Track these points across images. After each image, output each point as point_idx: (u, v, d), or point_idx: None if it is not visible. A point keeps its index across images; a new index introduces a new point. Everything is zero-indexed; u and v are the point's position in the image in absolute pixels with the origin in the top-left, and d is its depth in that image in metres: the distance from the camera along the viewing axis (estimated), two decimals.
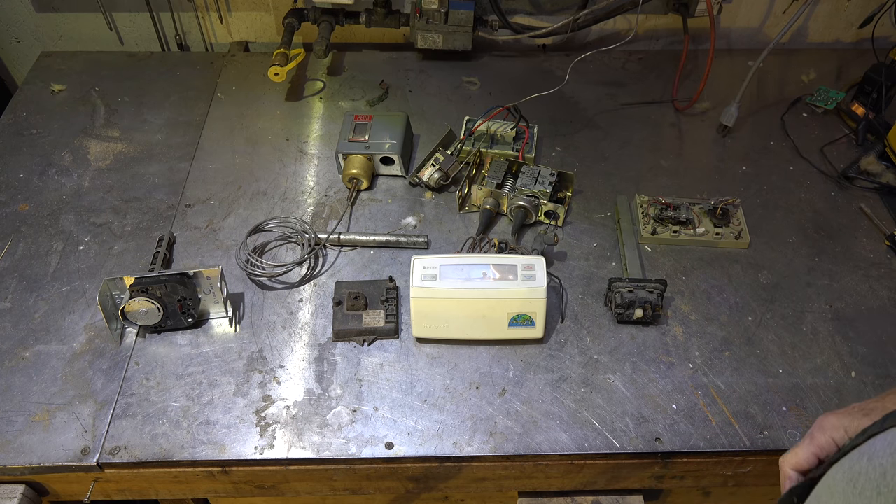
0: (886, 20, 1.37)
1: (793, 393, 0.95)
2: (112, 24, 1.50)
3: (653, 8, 1.47)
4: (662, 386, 0.95)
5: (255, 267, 1.07)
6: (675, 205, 1.14)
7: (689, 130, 1.33)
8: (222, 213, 1.17)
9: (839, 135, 1.31)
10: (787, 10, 1.48)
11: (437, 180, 1.19)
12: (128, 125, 1.33)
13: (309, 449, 0.90)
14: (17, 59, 1.58)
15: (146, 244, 1.12)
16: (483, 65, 1.47)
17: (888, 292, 1.06)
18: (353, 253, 1.12)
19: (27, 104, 1.37)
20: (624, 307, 1.00)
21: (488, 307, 0.95)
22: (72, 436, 0.90)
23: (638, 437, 0.90)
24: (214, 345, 1.00)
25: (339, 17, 1.41)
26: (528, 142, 1.23)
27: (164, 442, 0.90)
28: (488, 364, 0.98)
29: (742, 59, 1.49)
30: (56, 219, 1.16)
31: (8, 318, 1.03)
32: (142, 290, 0.96)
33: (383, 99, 1.39)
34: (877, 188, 1.21)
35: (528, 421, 0.92)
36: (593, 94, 1.40)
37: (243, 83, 1.42)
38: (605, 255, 1.11)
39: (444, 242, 1.13)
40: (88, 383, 0.96)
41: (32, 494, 0.92)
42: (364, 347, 1.00)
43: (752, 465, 0.92)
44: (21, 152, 1.28)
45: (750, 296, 1.06)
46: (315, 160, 1.27)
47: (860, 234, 1.14)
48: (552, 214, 1.14)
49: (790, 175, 1.24)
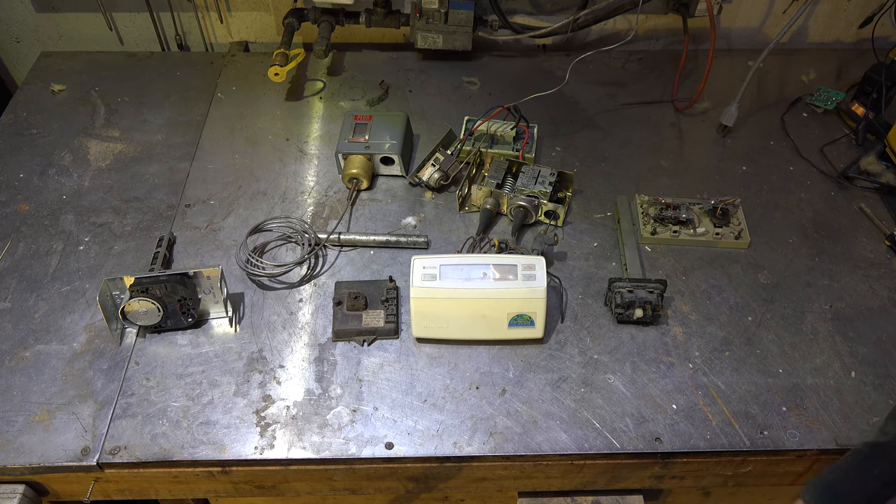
0: (886, 20, 1.37)
1: (793, 393, 0.95)
2: (112, 24, 1.50)
3: (653, 8, 1.47)
4: (662, 386, 0.95)
5: (255, 267, 1.07)
6: (675, 205, 1.14)
7: (689, 130, 1.33)
8: (222, 213, 1.17)
9: (839, 135, 1.31)
10: (787, 10, 1.48)
11: (437, 180, 1.19)
12: (128, 125, 1.33)
13: (309, 449, 0.90)
14: (17, 59, 1.58)
15: (146, 244, 1.12)
16: (483, 65, 1.47)
17: (888, 292, 1.06)
18: (353, 253, 1.12)
19: (27, 104, 1.37)
20: (624, 307, 1.00)
21: (488, 307, 0.95)
22: (72, 436, 0.90)
23: (638, 437, 0.90)
24: (214, 345, 1.00)
25: (339, 17, 1.41)
26: (528, 142, 1.23)
27: (164, 442, 0.90)
28: (488, 364, 0.98)
29: (742, 59, 1.49)
30: (56, 219, 1.16)
31: (8, 318, 1.03)
32: (142, 290, 0.96)
33: (383, 99, 1.39)
34: (877, 188, 1.21)
35: (528, 421, 0.92)
36: (593, 94, 1.40)
37: (243, 83, 1.42)
38: (605, 255, 1.11)
39: (444, 242, 1.13)
40: (88, 383, 0.96)
41: (32, 494, 0.92)
42: (364, 347, 1.00)
43: (752, 465, 0.92)
44: (21, 152, 1.28)
45: (750, 296, 1.06)
46: (315, 160, 1.27)
47: (860, 234, 1.14)
48: (552, 214, 1.14)
49: (790, 175, 1.24)
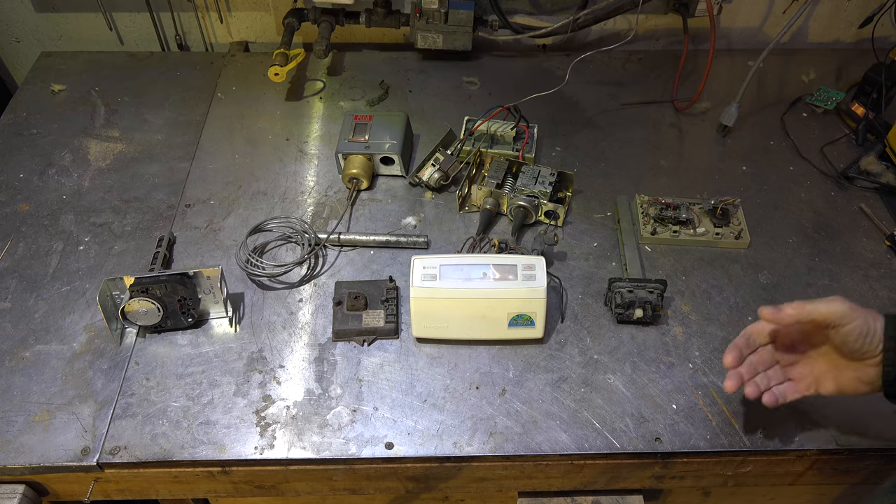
0: (886, 20, 1.37)
1: None
2: (112, 24, 1.50)
3: (653, 8, 1.47)
4: (662, 386, 0.95)
5: (255, 267, 1.07)
6: (675, 205, 1.14)
7: (689, 130, 1.33)
8: (222, 213, 1.17)
9: (839, 135, 1.31)
10: (787, 10, 1.48)
11: (437, 180, 1.19)
12: (128, 125, 1.33)
13: (309, 449, 0.90)
14: (17, 59, 1.58)
15: (146, 244, 1.12)
16: (483, 65, 1.47)
17: (888, 292, 1.06)
18: (353, 253, 1.12)
19: (27, 104, 1.37)
20: (624, 307, 1.00)
21: (488, 307, 0.95)
22: (72, 436, 0.90)
23: (638, 437, 0.90)
24: (214, 345, 1.00)
25: (339, 17, 1.41)
26: (528, 142, 1.23)
27: (164, 442, 0.90)
28: (488, 364, 0.98)
29: (742, 59, 1.49)
30: (56, 219, 1.16)
31: (8, 318, 1.03)
32: (142, 290, 0.96)
33: (383, 99, 1.39)
34: (877, 188, 1.21)
35: (528, 421, 0.92)
36: (593, 94, 1.40)
37: (243, 83, 1.42)
38: (605, 255, 1.11)
39: (444, 242, 1.13)
40: (88, 383, 0.96)
41: (32, 494, 0.92)
42: (364, 347, 1.00)
43: (752, 465, 0.92)
44: (21, 152, 1.28)
45: (750, 296, 1.06)
46: (315, 160, 1.27)
47: (860, 234, 1.14)
48: (552, 214, 1.14)
49: (790, 175, 1.24)
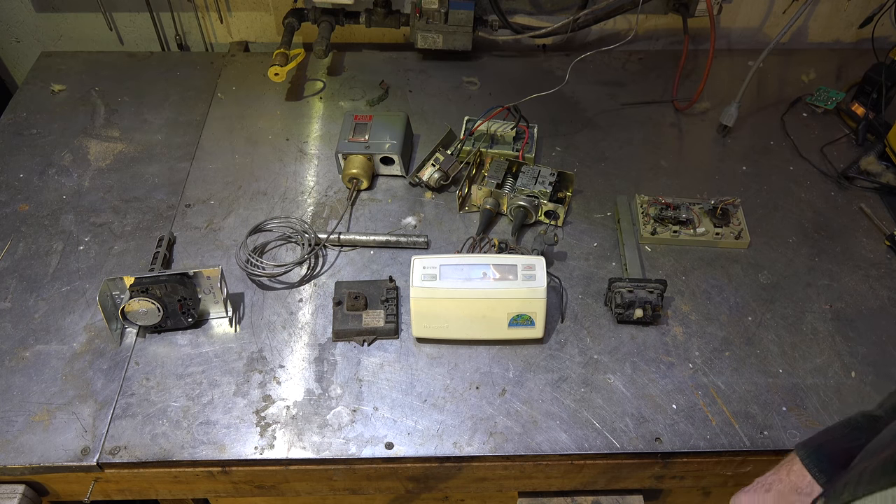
0: (886, 20, 1.37)
1: (793, 393, 0.95)
2: (112, 24, 1.50)
3: (653, 8, 1.47)
4: (662, 386, 0.95)
5: (255, 267, 1.07)
6: (675, 205, 1.14)
7: (689, 130, 1.33)
8: (222, 213, 1.17)
9: (839, 135, 1.31)
10: (787, 10, 1.48)
11: (437, 180, 1.19)
12: (128, 125, 1.33)
13: (309, 449, 0.90)
14: (17, 59, 1.58)
15: (146, 244, 1.12)
16: (483, 65, 1.47)
17: (888, 292, 1.06)
18: (353, 253, 1.12)
19: (27, 104, 1.37)
20: (624, 307, 1.00)
21: (488, 307, 0.95)
22: (72, 436, 0.90)
23: (638, 437, 0.90)
24: (214, 345, 1.00)
25: (339, 17, 1.41)
26: (528, 142, 1.23)
27: (164, 442, 0.90)
28: (488, 364, 0.98)
29: (742, 59, 1.49)
30: (56, 219, 1.16)
31: (8, 318, 1.03)
32: (142, 290, 0.96)
33: (383, 99, 1.39)
34: (877, 188, 1.21)
35: (528, 421, 0.92)
36: (593, 94, 1.40)
37: (243, 83, 1.42)
38: (605, 255, 1.11)
39: (444, 242, 1.13)
40: (88, 383, 0.96)
41: (32, 494, 0.92)
42: (364, 347, 1.00)
43: (752, 465, 0.92)
44: (21, 152, 1.28)
45: (750, 296, 1.06)
46: (315, 160, 1.27)
47: (860, 234, 1.14)
48: (552, 214, 1.14)
49: (790, 175, 1.24)
